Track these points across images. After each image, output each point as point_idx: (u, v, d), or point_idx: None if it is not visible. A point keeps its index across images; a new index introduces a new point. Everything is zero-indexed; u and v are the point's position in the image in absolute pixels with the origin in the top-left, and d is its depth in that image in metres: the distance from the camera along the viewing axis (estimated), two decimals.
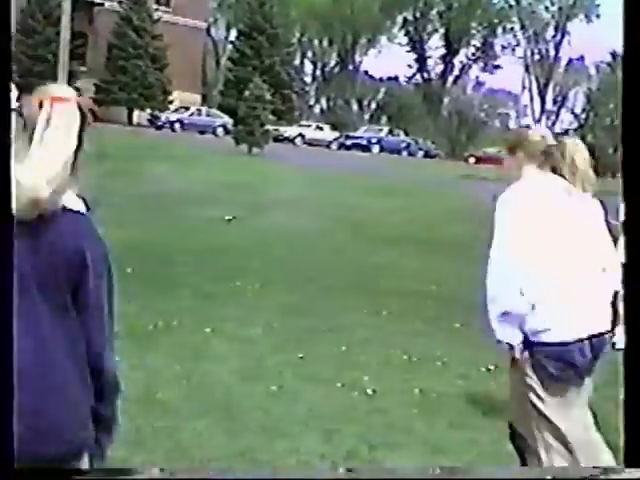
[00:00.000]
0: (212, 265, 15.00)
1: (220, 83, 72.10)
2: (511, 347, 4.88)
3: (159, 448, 6.19)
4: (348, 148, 54.94)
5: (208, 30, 75.29)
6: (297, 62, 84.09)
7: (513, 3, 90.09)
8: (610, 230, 5.19)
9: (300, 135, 56.94)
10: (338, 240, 20.19)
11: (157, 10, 58.46)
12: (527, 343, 4.87)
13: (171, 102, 56.47)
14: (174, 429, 6.60)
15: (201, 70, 67.91)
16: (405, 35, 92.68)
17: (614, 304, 4.99)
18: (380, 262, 17.42)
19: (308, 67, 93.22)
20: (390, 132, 60.15)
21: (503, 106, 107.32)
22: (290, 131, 56.97)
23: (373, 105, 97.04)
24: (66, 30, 39.47)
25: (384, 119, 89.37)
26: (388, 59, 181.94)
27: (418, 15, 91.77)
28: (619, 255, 4.83)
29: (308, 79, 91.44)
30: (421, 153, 60.77)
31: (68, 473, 2.92)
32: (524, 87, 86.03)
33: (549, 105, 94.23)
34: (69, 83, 42.24)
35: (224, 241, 18.33)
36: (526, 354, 4.88)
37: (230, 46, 76.37)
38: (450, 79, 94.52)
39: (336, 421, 7.15)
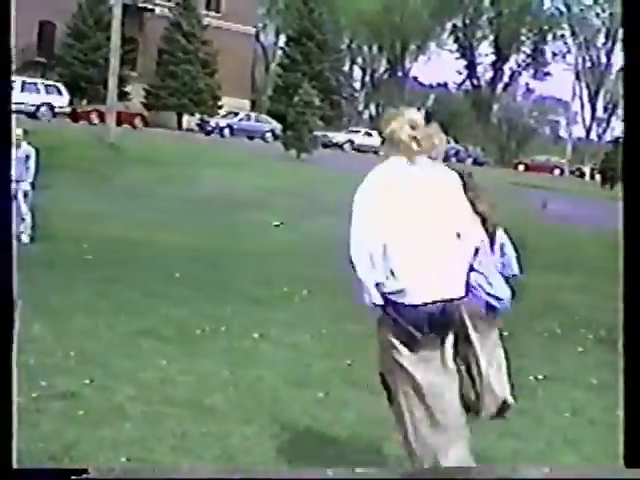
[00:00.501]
0: (260, 270, 15.02)
1: (269, 89, 72.35)
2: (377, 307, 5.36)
3: (207, 453, 6.18)
4: None
5: (257, 36, 75.55)
6: (346, 68, 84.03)
7: (564, 10, 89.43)
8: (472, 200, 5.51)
9: (349, 141, 56.97)
10: None
11: (207, 16, 58.81)
12: (389, 304, 5.32)
13: (220, 107, 56.71)
14: (222, 434, 6.58)
15: (250, 76, 68.13)
16: (455, 42, 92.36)
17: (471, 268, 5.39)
18: None
19: (357, 73, 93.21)
20: None
21: (553, 113, 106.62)
22: (339, 137, 57.02)
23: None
24: (117, 35, 39.67)
25: None
26: (437, 65, 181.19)
27: (468, 21, 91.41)
28: (476, 220, 5.44)
29: (357, 85, 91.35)
30: (470, 160, 60.55)
31: (68, 473, 2.96)
32: (574, 94, 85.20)
33: (600, 112, 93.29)
34: (119, 88, 42.58)
35: (272, 246, 18.36)
36: (387, 313, 5.36)
37: (279, 52, 76.65)
38: (500, 86, 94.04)
39: (384, 429, 7.10)
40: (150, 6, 59.42)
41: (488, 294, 5.93)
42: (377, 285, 5.28)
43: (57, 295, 11.36)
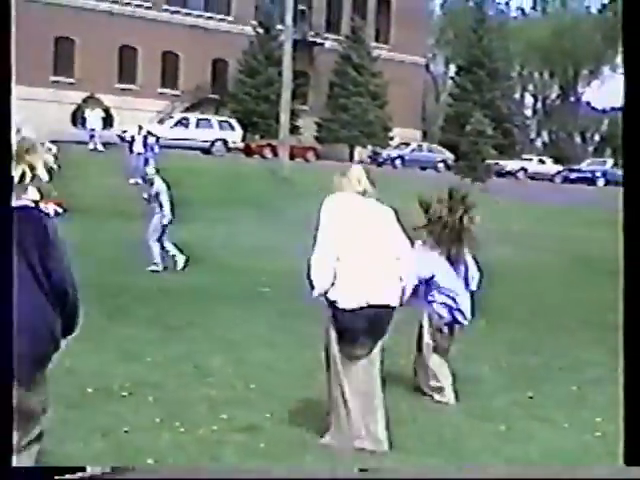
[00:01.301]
0: None
1: (440, 119, 72.11)
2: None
3: None
4: (572, 181, 53.87)
5: (427, 66, 75.55)
6: (517, 95, 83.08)
7: None
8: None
9: (522, 169, 56.20)
10: (564, 274, 19.67)
11: (376, 48, 59.16)
12: (332, 308, 6.78)
13: (392, 139, 56.84)
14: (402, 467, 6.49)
15: (421, 106, 68.11)
16: None
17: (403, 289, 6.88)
18: (607, 296, 16.82)
19: (529, 100, 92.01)
20: (615, 164, 58.45)
21: None
22: (512, 165, 56.34)
23: (597, 137, 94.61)
24: (288, 70, 40.37)
25: (608, 151, 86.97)
26: (611, 90, 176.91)
27: None
28: (409, 247, 7.04)
29: (529, 112, 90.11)
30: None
31: (68, 473, 2.96)
32: None
33: None
34: (291, 122, 43.22)
35: None
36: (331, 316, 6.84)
37: (450, 81, 76.40)
38: None
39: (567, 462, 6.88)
40: (320, 40, 60.23)
41: (457, 309, 8.45)
42: (325, 293, 6.73)
43: (237, 328, 11.51)
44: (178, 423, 7.10)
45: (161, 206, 17.41)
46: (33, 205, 4.84)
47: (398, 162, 52.60)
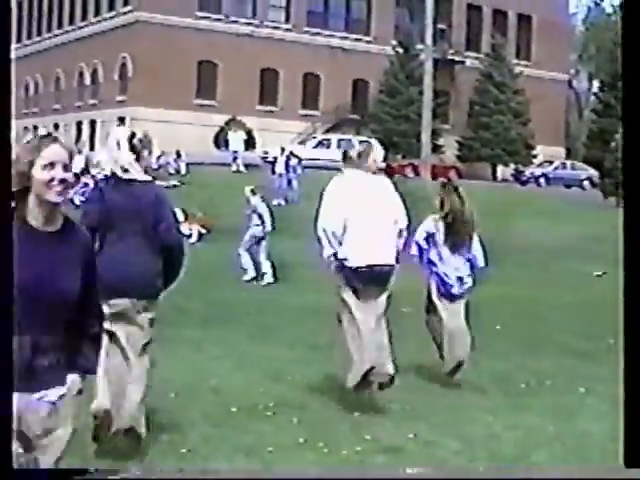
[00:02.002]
0: (582, 322, 14.48)
1: (584, 135, 70.72)
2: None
3: None
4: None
5: (570, 82, 74.28)
6: None
7: None
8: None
9: None
10: None
11: (517, 65, 58.49)
12: (341, 265, 8.15)
13: (535, 156, 56.05)
14: None
15: (564, 123, 66.99)
16: None
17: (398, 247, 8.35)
18: None
19: None
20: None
21: None
22: None
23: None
24: (428, 89, 40.28)
25: None
26: None
27: None
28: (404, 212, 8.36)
29: None
30: None
31: (68, 473, 2.91)
32: None
33: None
34: (432, 141, 43.03)
35: (594, 297, 17.71)
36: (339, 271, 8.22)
37: (593, 97, 74.91)
38: None
39: None
40: (460, 58, 59.94)
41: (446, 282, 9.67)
42: (334, 254, 8.13)
43: None
44: (322, 443, 7.06)
45: (262, 220, 18.87)
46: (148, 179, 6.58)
47: (542, 180, 51.73)
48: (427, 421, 7.94)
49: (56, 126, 61.23)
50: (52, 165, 3.75)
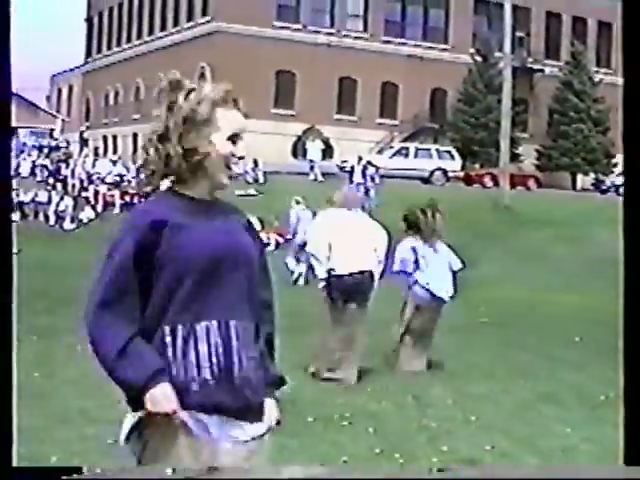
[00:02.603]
0: None
1: None
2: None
3: None
4: None
5: None
6: None
7: None
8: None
9: None
10: None
11: (597, 72, 57.77)
12: (328, 282, 9.79)
13: (615, 165, 55.29)
14: None
15: None
16: None
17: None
18: None
19: None
20: None
21: None
22: None
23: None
24: (507, 97, 39.92)
25: None
26: None
27: None
28: (384, 243, 9.99)
29: None
30: None
31: (67, 472, 2.86)
32: None
33: None
34: (511, 150, 42.70)
35: None
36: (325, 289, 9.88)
37: None
38: None
39: None
40: (540, 66, 59.42)
41: (428, 290, 10.57)
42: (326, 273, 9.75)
43: (456, 358, 11.40)
44: (398, 454, 7.05)
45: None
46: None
47: (622, 190, 50.90)
48: (504, 433, 7.88)
49: (135, 135, 62.09)
50: (236, 137, 3.32)
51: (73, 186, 36.26)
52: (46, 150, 45.63)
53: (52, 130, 54.84)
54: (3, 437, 3.05)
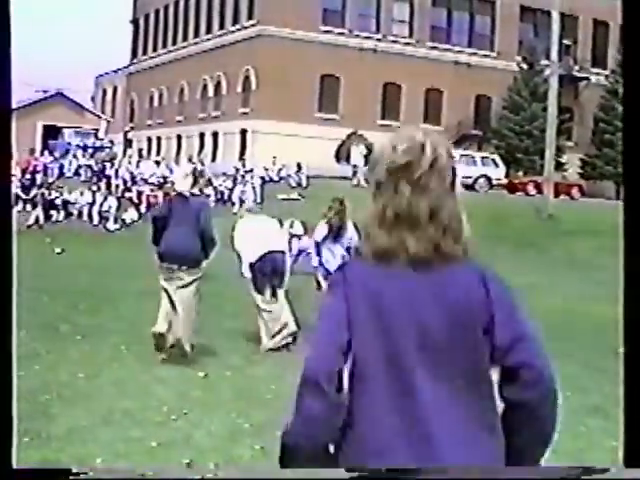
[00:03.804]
0: None
1: None
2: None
3: None
4: None
5: None
6: None
7: None
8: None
9: None
10: None
11: None
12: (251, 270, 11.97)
13: None
14: None
15: None
16: None
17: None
18: None
19: None
20: None
21: None
22: None
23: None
24: (553, 106, 39.62)
25: None
26: None
27: None
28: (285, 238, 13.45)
29: None
30: None
31: (67, 473, 2.86)
32: None
33: None
34: (555, 158, 42.40)
35: None
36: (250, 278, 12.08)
37: None
38: None
39: None
40: (586, 75, 59.01)
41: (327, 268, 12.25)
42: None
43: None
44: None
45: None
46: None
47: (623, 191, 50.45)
48: (551, 446, 7.76)
49: (179, 137, 62.36)
50: None
51: (117, 187, 36.52)
52: (90, 150, 45.93)
53: (97, 130, 55.08)
54: (3, 437, 3.06)
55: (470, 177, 44.13)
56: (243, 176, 37.90)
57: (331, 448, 2.74)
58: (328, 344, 2.69)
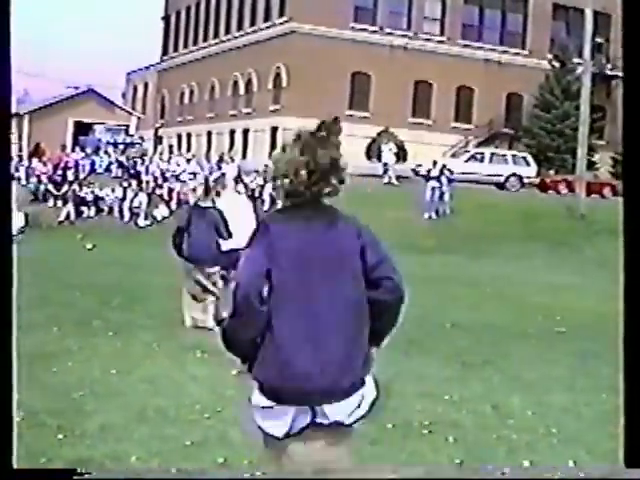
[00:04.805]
0: None
1: None
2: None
3: None
4: None
5: None
6: None
7: None
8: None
9: None
10: None
11: None
12: None
13: None
14: None
15: None
16: None
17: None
18: None
19: None
20: None
21: None
22: None
23: None
24: (585, 104, 39.38)
25: None
26: None
27: None
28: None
29: None
30: None
31: (67, 473, 2.90)
32: None
33: None
34: (587, 157, 42.14)
35: None
36: None
37: None
38: None
39: None
40: (618, 73, 58.58)
41: None
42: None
43: (534, 368, 11.20)
44: (478, 465, 6.92)
45: None
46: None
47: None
48: (587, 447, 7.69)
49: (209, 134, 62.45)
50: None
51: (147, 183, 36.58)
52: (121, 147, 46.06)
53: (127, 127, 55.23)
54: (3, 437, 3.05)
55: (501, 176, 43.90)
56: None
57: (258, 340, 4.00)
58: (254, 271, 3.95)
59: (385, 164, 41.65)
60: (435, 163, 36.28)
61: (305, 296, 3.95)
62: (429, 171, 36.23)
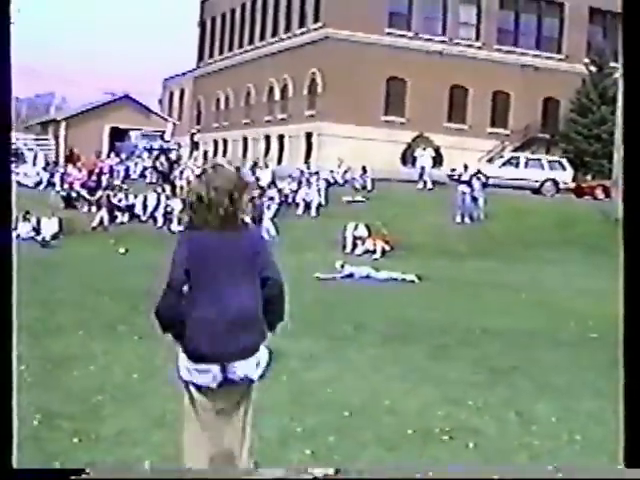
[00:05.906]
0: None
1: None
2: None
3: None
4: None
5: None
6: None
7: None
8: None
9: None
10: None
11: None
12: None
13: None
14: None
15: None
16: None
17: None
18: None
19: None
20: None
21: None
22: None
23: None
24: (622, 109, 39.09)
25: None
26: None
27: None
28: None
29: None
30: None
31: (67, 473, 2.93)
32: None
33: None
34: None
35: None
36: None
37: None
38: None
39: None
40: None
41: None
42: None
43: (563, 375, 11.06)
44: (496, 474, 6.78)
45: None
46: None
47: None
48: (611, 456, 7.54)
49: (245, 140, 62.57)
50: None
51: (181, 188, 36.63)
52: (156, 152, 46.25)
53: (163, 133, 55.49)
54: (3, 437, 3.02)
55: (537, 181, 43.53)
56: (308, 179, 37.83)
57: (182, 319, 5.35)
58: (180, 270, 5.27)
59: (420, 169, 41.46)
60: (466, 167, 36.07)
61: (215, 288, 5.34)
62: (460, 175, 36.05)
